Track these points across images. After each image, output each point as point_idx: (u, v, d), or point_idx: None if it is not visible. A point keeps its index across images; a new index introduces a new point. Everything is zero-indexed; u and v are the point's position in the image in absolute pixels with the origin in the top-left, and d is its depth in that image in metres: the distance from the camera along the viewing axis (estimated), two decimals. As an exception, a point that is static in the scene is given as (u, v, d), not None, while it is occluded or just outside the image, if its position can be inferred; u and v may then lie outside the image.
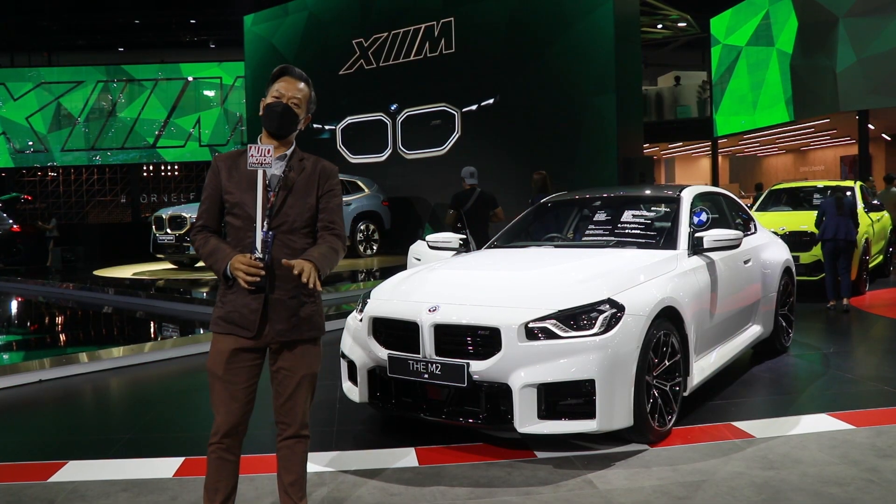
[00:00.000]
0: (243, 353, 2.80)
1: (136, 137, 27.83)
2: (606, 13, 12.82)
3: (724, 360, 5.12)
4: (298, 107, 2.88)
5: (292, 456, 2.89)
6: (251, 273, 2.67)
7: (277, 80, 2.89)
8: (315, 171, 2.89)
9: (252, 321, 2.76)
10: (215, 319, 2.84)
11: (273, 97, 2.86)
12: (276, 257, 2.76)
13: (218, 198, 2.87)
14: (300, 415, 2.87)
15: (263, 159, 2.70)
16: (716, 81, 22.41)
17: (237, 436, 2.86)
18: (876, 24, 15.75)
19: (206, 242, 2.84)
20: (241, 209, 2.80)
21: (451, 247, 5.69)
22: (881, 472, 3.65)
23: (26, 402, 5.85)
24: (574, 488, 3.57)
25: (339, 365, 4.72)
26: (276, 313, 2.78)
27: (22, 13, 26.12)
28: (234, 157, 2.89)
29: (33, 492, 3.74)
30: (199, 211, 2.92)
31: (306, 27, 17.96)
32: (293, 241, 2.81)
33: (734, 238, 4.96)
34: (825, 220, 8.55)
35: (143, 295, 10.74)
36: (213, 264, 2.81)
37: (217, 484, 2.86)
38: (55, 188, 29.07)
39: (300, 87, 2.89)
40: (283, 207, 2.80)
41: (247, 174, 2.81)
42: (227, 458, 2.86)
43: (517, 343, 3.86)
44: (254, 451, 4.02)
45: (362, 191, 14.62)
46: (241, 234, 2.80)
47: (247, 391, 2.82)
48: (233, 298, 2.80)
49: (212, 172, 2.89)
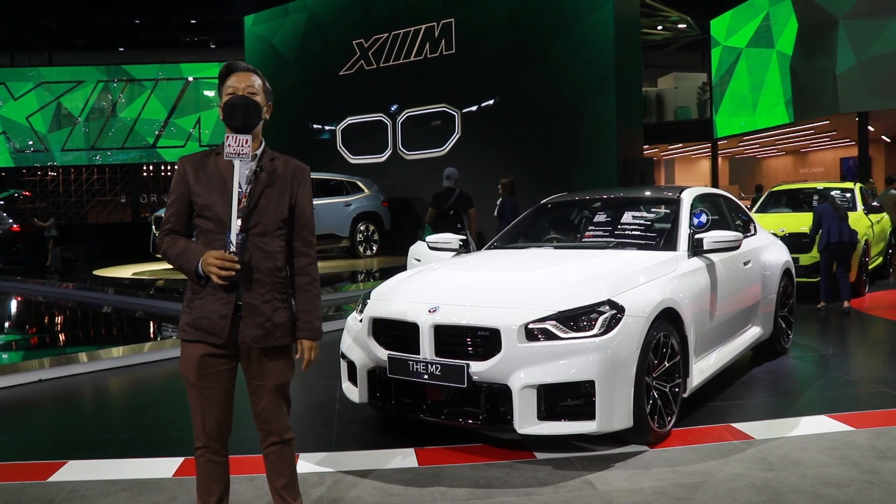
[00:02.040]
0: (214, 359, 2.72)
1: (137, 137, 27.83)
2: (606, 14, 12.82)
3: (723, 361, 5.13)
4: (256, 95, 2.77)
5: (280, 460, 2.86)
6: (226, 267, 2.60)
7: (226, 79, 2.80)
8: (287, 172, 2.81)
9: (222, 327, 2.69)
10: (183, 326, 2.75)
11: (228, 94, 2.76)
12: (248, 260, 2.69)
13: (186, 200, 2.77)
14: (279, 421, 2.82)
15: (241, 149, 2.63)
16: (716, 83, 22.42)
17: (221, 438, 2.82)
18: (876, 25, 15.75)
19: (175, 243, 2.75)
20: (210, 211, 2.71)
21: (451, 248, 5.70)
22: (881, 473, 3.65)
23: (26, 401, 5.85)
24: (573, 489, 3.57)
25: (339, 365, 4.72)
26: (249, 318, 2.70)
27: (22, 13, 26.10)
28: (201, 159, 2.80)
29: (33, 491, 3.74)
30: (165, 215, 2.82)
31: (306, 28, 17.96)
32: (266, 243, 2.73)
33: (734, 239, 4.97)
34: (826, 226, 8.52)
35: (142, 295, 10.74)
36: (184, 264, 2.71)
37: (209, 486, 2.84)
38: (55, 188, 29.06)
39: (252, 78, 2.80)
40: (255, 209, 2.72)
41: (216, 175, 2.73)
42: (215, 461, 2.83)
43: (517, 344, 3.86)
44: (253, 452, 4.02)
45: (362, 191, 14.62)
46: (212, 237, 2.71)
47: (223, 395, 2.77)
48: (201, 304, 2.71)
49: (178, 175, 2.79)
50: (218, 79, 2.85)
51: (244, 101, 2.73)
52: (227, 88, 2.78)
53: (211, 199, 2.72)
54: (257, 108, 2.75)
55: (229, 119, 2.73)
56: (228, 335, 2.70)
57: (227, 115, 2.73)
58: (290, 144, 17.37)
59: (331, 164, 16.43)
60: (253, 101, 2.75)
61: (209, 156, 2.80)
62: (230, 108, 2.72)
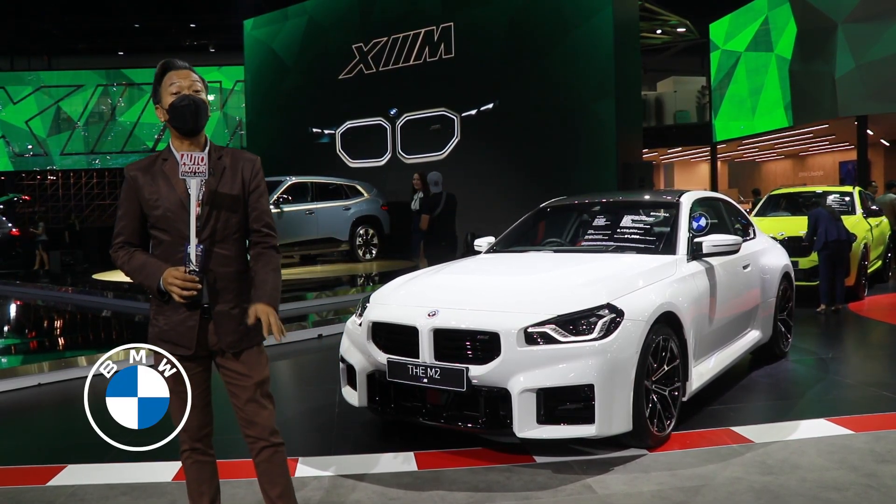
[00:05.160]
0: (187, 363, 2.66)
1: (136, 141, 27.88)
2: (606, 18, 12.85)
3: (722, 365, 5.12)
4: (200, 92, 2.64)
5: (272, 467, 2.77)
6: (187, 287, 2.56)
7: (165, 77, 2.64)
8: (237, 168, 2.71)
9: (190, 338, 2.66)
10: (152, 338, 2.72)
11: (173, 94, 2.61)
12: (211, 269, 2.64)
13: (139, 212, 2.68)
14: (266, 421, 2.74)
15: (197, 167, 2.52)
16: (715, 87, 22.45)
17: (205, 438, 2.80)
18: (875, 29, 15.78)
19: (132, 258, 2.68)
20: (167, 223, 2.64)
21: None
22: (880, 477, 3.65)
23: (25, 405, 5.85)
24: (573, 493, 3.57)
25: (338, 369, 4.72)
26: (222, 326, 2.67)
27: (22, 17, 26.15)
28: (148, 167, 2.69)
29: (32, 495, 3.74)
30: (117, 227, 2.73)
31: (306, 32, 17.98)
32: (226, 248, 2.68)
33: (733, 243, 4.97)
34: (822, 227, 8.58)
35: (141, 298, 10.73)
36: (144, 280, 2.65)
37: (200, 488, 2.82)
38: (54, 192, 29.08)
39: (192, 75, 2.65)
40: (210, 218, 2.64)
41: (166, 185, 2.64)
42: (202, 461, 2.82)
43: (516, 348, 3.86)
44: (249, 456, 4.01)
45: (361, 195, 14.62)
46: (171, 248, 2.65)
47: (200, 396, 2.74)
48: (168, 316, 2.68)
49: (128, 185, 2.69)
50: (153, 80, 2.70)
51: (193, 101, 2.60)
52: (168, 87, 2.62)
53: (165, 212, 2.63)
54: (206, 107, 2.65)
55: (178, 122, 2.61)
56: (197, 344, 2.68)
57: (176, 118, 2.61)
58: (289, 148, 17.41)
59: (330, 168, 16.44)
60: (201, 100, 2.63)
61: (155, 162, 2.69)
62: (179, 110, 2.59)
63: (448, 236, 9.05)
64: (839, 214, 8.88)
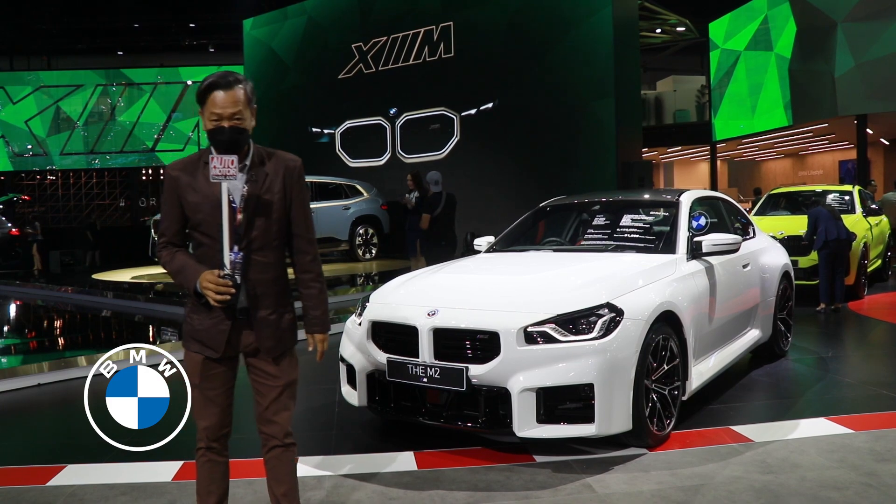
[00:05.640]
0: (214, 363, 2.74)
1: (136, 141, 27.87)
2: (605, 18, 12.85)
3: (722, 364, 5.12)
4: (242, 121, 2.63)
5: (281, 466, 2.82)
6: (221, 292, 2.59)
7: (210, 98, 2.62)
8: (279, 174, 2.71)
9: (220, 342, 2.70)
10: (185, 336, 2.79)
11: (212, 122, 2.61)
12: (251, 276, 2.67)
13: (180, 212, 2.71)
14: (285, 422, 2.79)
15: (227, 171, 2.54)
16: (714, 86, 22.44)
17: (222, 438, 2.83)
18: (874, 28, 15.79)
19: (173, 259, 2.72)
20: (207, 227, 2.67)
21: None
22: (879, 476, 3.65)
23: (25, 405, 5.85)
24: (573, 492, 3.57)
25: (339, 368, 4.72)
26: (261, 332, 2.72)
27: (21, 16, 26.14)
28: (190, 169, 2.71)
29: (32, 496, 3.74)
30: (161, 226, 2.77)
31: (305, 31, 17.98)
32: (265, 255, 2.70)
33: (733, 242, 4.97)
34: (822, 226, 8.58)
35: (141, 298, 10.74)
36: (183, 282, 2.70)
37: (209, 487, 2.84)
38: (54, 192, 29.07)
39: (237, 94, 2.62)
40: (251, 226, 2.66)
41: (208, 191, 2.65)
42: (215, 461, 2.84)
43: (516, 347, 3.86)
44: (252, 455, 4.02)
45: (361, 195, 14.63)
46: (210, 252, 2.67)
47: (224, 395, 2.79)
48: (201, 318, 2.72)
49: (169, 185, 2.71)
50: (197, 95, 2.68)
51: (230, 132, 2.60)
52: (210, 115, 2.62)
53: (205, 216, 2.66)
54: (244, 133, 2.65)
55: (217, 146, 2.64)
56: (226, 346, 2.72)
57: (214, 143, 2.64)
58: (289, 147, 17.20)
59: (330, 168, 16.44)
60: (240, 130, 2.63)
61: (197, 166, 2.70)
62: (216, 140, 2.62)
63: (448, 236, 9.06)
64: (839, 213, 8.90)
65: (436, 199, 9.04)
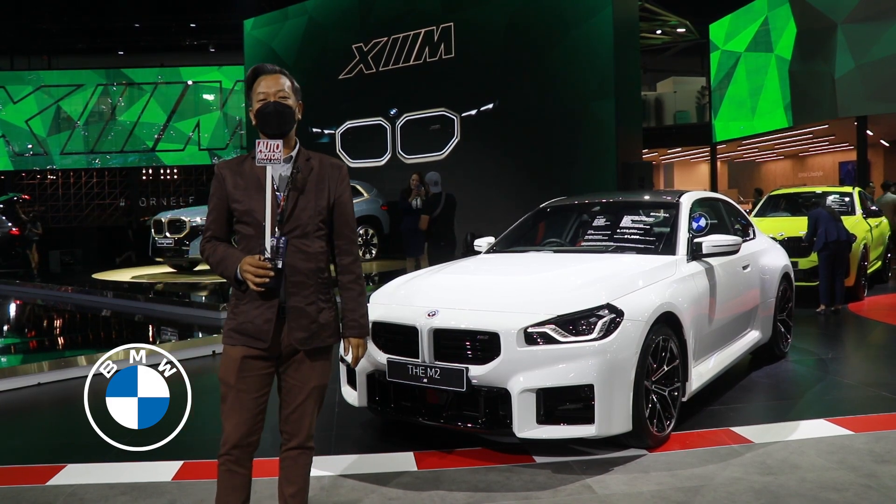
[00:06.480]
0: (254, 361, 2.69)
1: (136, 141, 27.86)
2: (606, 19, 12.85)
3: (722, 365, 5.13)
4: (287, 99, 2.73)
5: (295, 467, 2.80)
6: (260, 275, 2.59)
7: (256, 83, 2.75)
8: (324, 171, 2.78)
9: (266, 331, 2.67)
10: (227, 331, 2.73)
11: (259, 101, 2.72)
12: (290, 263, 2.67)
13: (225, 207, 2.76)
14: (307, 426, 2.78)
15: (272, 154, 2.60)
16: (715, 87, 22.45)
17: (248, 447, 2.75)
18: (874, 30, 15.79)
19: (215, 250, 2.75)
20: (251, 216, 2.69)
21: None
22: (879, 477, 3.65)
23: (25, 405, 5.85)
24: (573, 493, 3.57)
25: (338, 368, 4.72)
26: (295, 321, 2.69)
27: (22, 16, 26.15)
28: (238, 164, 2.78)
29: (32, 495, 3.74)
30: (206, 221, 2.81)
31: (306, 31, 17.99)
32: (307, 244, 2.71)
33: (733, 243, 4.97)
34: (822, 227, 8.58)
35: (141, 298, 10.74)
36: (224, 271, 2.71)
37: (227, 498, 2.75)
38: (54, 191, 29.06)
39: (280, 80, 2.74)
40: (294, 211, 2.69)
41: (253, 180, 2.71)
42: (236, 471, 2.74)
43: (516, 348, 3.86)
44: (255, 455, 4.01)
45: (361, 195, 14.63)
46: (254, 242, 2.69)
47: (258, 401, 2.72)
48: (245, 309, 2.70)
49: (216, 181, 2.78)
50: (245, 83, 2.82)
51: (278, 107, 2.69)
52: (257, 95, 2.73)
53: (250, 205, 2.70)
54: (291, 112, 2.73)
55: (264, 127, 2.70)
56: (272, 339, 2.69)
57: (262, 124, 2.70)
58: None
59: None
60: (286, 107, 2.71)
61: (245, 160, 2.77)
62: (264, 116, 2.70)
63: (447, 236, 9.06)
64: (839, 215, 8.90)
65: (435, 199, 9.05)
